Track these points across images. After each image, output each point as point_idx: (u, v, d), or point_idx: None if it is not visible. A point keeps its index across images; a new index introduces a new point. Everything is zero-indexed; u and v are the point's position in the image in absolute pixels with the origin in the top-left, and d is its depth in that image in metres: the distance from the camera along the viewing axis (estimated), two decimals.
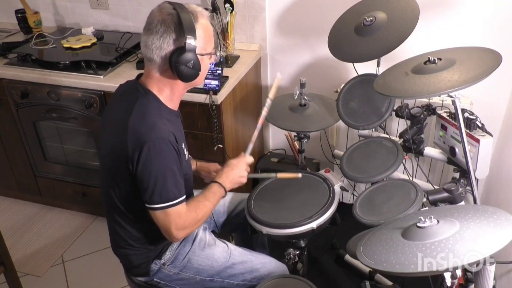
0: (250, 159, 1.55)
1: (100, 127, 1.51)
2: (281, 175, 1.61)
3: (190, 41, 1.23)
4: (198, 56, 1.28)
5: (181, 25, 1.22)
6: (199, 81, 1.37)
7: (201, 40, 1.28)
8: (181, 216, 1.30)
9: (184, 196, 1.32)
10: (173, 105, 1.39)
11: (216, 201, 1.43)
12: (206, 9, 2.16)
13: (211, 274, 1.50)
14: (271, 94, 1.62)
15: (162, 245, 1.47)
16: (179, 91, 1.37)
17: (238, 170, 1.49)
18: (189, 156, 1.52)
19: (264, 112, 1.60)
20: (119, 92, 1.42)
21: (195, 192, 1.70)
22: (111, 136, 1.34)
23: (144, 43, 1.28)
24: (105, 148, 1.39)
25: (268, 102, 1.61)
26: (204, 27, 1.29)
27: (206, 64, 1.34)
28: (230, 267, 1.51)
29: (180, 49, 1.24)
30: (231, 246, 1.57)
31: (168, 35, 1.24)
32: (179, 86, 1.35)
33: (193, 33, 1.23)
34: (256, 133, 1.59)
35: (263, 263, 1.55)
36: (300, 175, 1.60)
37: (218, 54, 1.41)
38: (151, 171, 1.25)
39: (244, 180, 1.51)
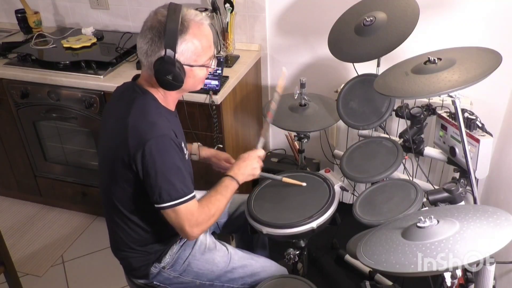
0: (261, 152, 1.55)
1: (99, 129, 1.50)
2: (286, 179, 1.63)
3: (169, 54, 1.21)
4: (186, 67, 1.26)
5: (165, 35, 1.20)
6: (193, 88, 1.36)
7: (190, 52, 1.25)
8: (193, 213, 1.29)
9: (194, 193, 1.30)
10: (170, 106, 1.38)
11: (229, 194, 1.42)
12: (206, 9, 2.18)
13: (211, 278, 1.49)
14: (279, 89, 1.61)
15: (162, 249, 1.46)
16: (171, 95, 1.36)
17: (250, 161, 1.50)
18: (190, 155, 1.52)
19: (273, 106, 1.60)
20: (116, 94, 1.42)
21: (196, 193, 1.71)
22: (110, 137, 1.33)
23: (137, 45, 1.29)
24: (104, 149, 1.39)
25: (276, 96, 1.60)
26: (197, 37, 1.25)
27: (197, 74, 1.31)
28: (230, 271, 1.50)
29: (161, 60, 1.22)
30: (231, 249, 1.56)
31: (154, 43, 1.23)
32: (170, 92, 1.34)
33: (173, 45, 1.21)
34: (266, 126, 1.61)
35: (263, 266, 1.55)
36: (304, 184, 1.61)
37: (213, 66, 1.37)
38: (157, 170, 1.24)
39: (257, 172, 1.51)
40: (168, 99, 1.36)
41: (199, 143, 1.69)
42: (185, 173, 1.30)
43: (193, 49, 1.26)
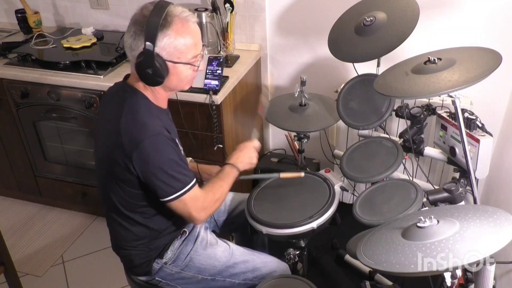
0: (257, 143, 1.57)
1: (94, 131, 1.51)
2: (283, 175, 1.62)
3: (148, 47, 1.21)
4: (169, 64, 1.26)
5: (145, 29, 1.21)
6: (179, 87, 1.35)
7: (172, 48, 1.24)
8: (198, 198, 1.33)
9: (195, 179, 1.33)
10: (160, 104, 1.38)
11: (231, 181, 1.45)
12: (206, 9, 2.18)
13: (212, 273, 1.50)
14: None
15: (163, 245, 1.47)
16: (160, 93, 1.35)
17: (248, 150, 1.53)
18: (186, 157, 1.52)
19: (263, 99, 1.64)
20: (108, 95, 1.43)
21: None
22: (105, 139, 1.34)
23: (124, 40, 1.29)
24: (100, 151, 1.40)
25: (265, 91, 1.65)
26: (180, 34, 1.24)
27: (181, 72, 1.30)
28: (231, 266, 1.51)
29: (141, 54, 1.23)
30: (233, 245, 1.57)
31: (137, 37, 1.23)
32: (157, 89, 1.34)
33: (153, 39, 1.21)
34: (258, 119, 1.64)
35: (264, 262, 1.55)
36: (302, 174, 1.62)
37: (198, 65, 1.33)
38: (155, 168, 1.25)
39: (255, 161, 1.54)
40: (157, 97, 1.36)
41: (191, 159, 1.70)
42: (183, 164, 1.32)
43: (176, 45, 1.25)
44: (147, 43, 1.21)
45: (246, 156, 1.52)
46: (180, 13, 1.26)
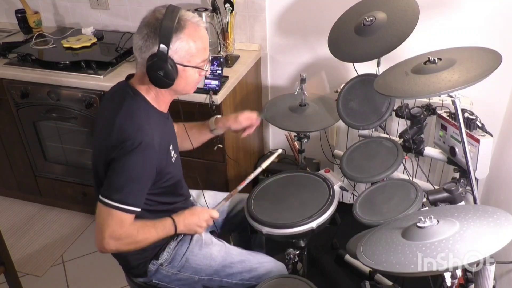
0: (215, 214, 1.49)
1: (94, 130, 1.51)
2: (264, 164, 1.59)
3: (162, 49, 1.21)
4: (179, 66, 1.26)
5: (160, 31, 1.21)
6: (185, 90, 1.35)
7: (184, 51, 1.25)
8: (123, 225, 1.26)
9: (138, 210, 1.28)
10: (162, 108, 1.38)
11: (162, 234, 1.37)
12: (206, 9, 2.18)
13: (209, 273, 1.50)
14: (265, 164, 1.60)
15: (159, 245, 1.47)
16: (164, 96, 1.35)
17: (198, 218, 1.44)
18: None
19: (250, 177, 1.58)
20: (109, 94, 1.43)
21: (193, 192, 1.71)
22: (100, 138, 1.34)
23: (133, 41, 1.30)
24: (95, 151, 1.40)
25: (258, 170, 1.59)
26: (192, 38, 1.26)
27: (190, 76, 1.31)
28: (228, 266, 1.51)
29: (154, 55, 1.23)
30: (229, 245, 1.58)
31: (149, 38, 1.24)
32: (162, 92, 1.34)
33: (167, 41, 1.21)
34: (233, 193, 1.58)
35: (261, 262, 1.55)
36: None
37: (206, 69, 1.35)
38: (120, 168, 1.23)
39: (200, 231, 1.46)
40: (159, 99, 1.36)
41: (216, 117, 1.68)
42: (143, 189, 1.28)
43: (187, 48, 1.26)
44: (162, 45, 1.21)
45: (193, 221, 1.42)
46: (191, 18, 1.27)
